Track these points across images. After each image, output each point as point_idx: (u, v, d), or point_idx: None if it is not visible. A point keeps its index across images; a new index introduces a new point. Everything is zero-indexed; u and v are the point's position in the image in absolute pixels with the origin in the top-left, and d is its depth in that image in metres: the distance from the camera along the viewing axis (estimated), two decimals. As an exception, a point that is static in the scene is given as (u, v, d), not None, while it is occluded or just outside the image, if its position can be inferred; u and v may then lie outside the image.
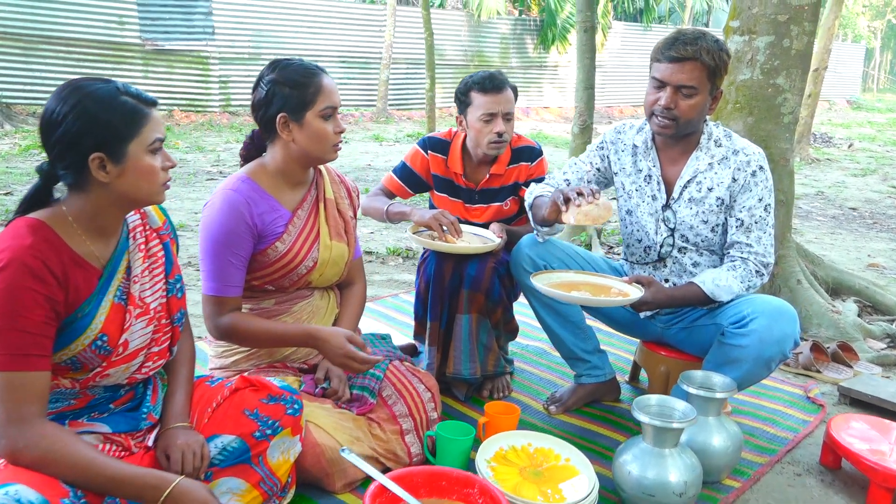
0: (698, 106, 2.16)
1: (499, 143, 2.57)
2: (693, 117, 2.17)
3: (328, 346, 1.89)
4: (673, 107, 2.15)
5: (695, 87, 2.13)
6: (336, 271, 2.18)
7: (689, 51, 2.11)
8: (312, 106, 1.96)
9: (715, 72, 2.14)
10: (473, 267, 2.48)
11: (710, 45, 2.13)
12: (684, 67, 2.12)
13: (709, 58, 2.12)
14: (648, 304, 2.20)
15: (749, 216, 2.24)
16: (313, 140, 1.98)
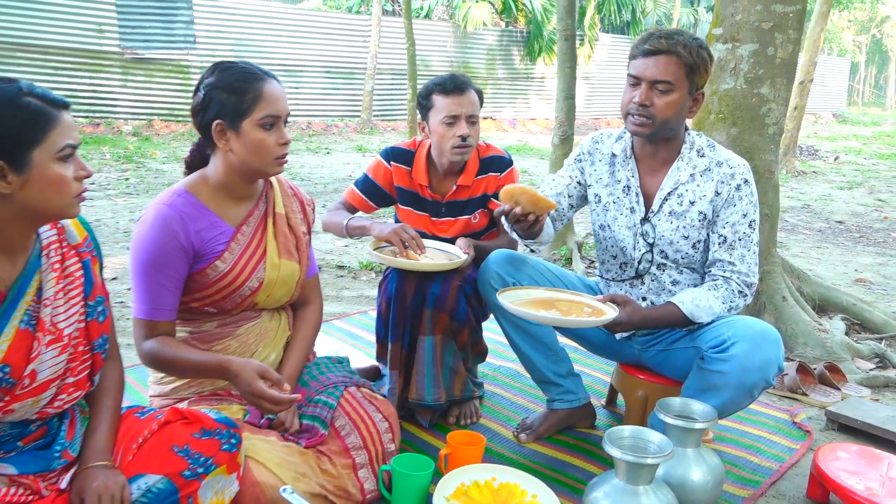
0: (676, 104, 2.02)
1: (463, 149, 2.42)
2: (670, 116, 2.04)
3: (238, 381, 1.71)
4: (648, 104, 2.02)
5: (670, 83, 2.00)
6: (286, 291, 2.02)
7: (663, 44, 1.99)
8: (250, 114, 1.79)
9: (693, 69, 2.00)
10: (437, 285, 2.32)
11: (688, 40, 2.01)
12: (659, 61, 1.99)
13: (685, 52, 1.99)
14: (623, 324, 2.05)
15: (732, 233, 2.10)
16: (251, 151, 1.82)
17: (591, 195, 2.33)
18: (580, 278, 2.47)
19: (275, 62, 13.27)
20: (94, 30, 11.21)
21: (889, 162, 12.81)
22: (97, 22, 11.23)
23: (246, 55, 12.78)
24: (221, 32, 12.49)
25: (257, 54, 12.98)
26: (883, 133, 19.94)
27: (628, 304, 2.06)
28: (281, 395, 1.67)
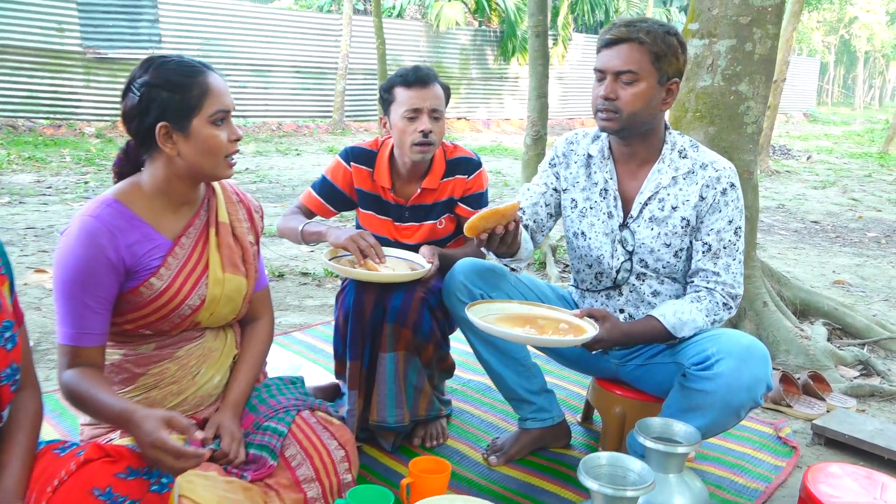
0: (643, 96, 1.87)
1: (425, 146, 2.25)
2: (638, 109, 1.89)
3: (138, 433, 1.44)
4: (613, 97, 1.88)
5: (634, 72, 1.85)
6: (232, 308, 1.83)
7: (623, 31, 1.86)
8: (199, 110, 1.62)
9: (660, 56, 1.85)
10: (398, 297, 2.15)
11: (652, 26, 1.86)
12: (620, 50, 1.86)
13: (649, 38, 1.84)
14: (603, 342, 1.89)
15: (717, 240, 1.95)
16: (203, 152, 1.65)
17: (565, 200, 2.17)
18: (553, 288, 2.31)
19: (244, 62, 13.02)
20: (55, 28, 10.85)
21: (860, 161, 12.89)
22: (57, 20, 10.88)
23: (214, 55, 12.52)
24: (188, 31, 12.19)
25: (226, 54, 12.71)
26: (853, 132, 20.14)
27: (607, 320, 1.91)
28: (186, 450, 1.39)
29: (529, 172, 4.67)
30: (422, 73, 2.24)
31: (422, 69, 2.26)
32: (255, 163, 9.40)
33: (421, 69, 2.26)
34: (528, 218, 2.19)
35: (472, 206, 2.42)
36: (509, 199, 6.76)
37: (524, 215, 2.19)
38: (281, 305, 3.66)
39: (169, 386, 1.77)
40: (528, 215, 2.19)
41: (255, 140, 11.88)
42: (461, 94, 16.62)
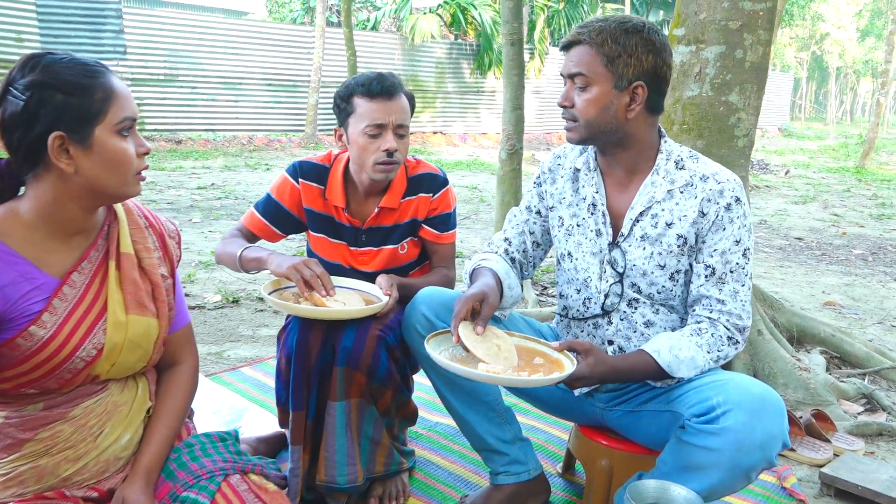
0: (598, 101, 1.66)
1: (388, 166, 1.97)
2: (593, 117, 1.68)
3: None
4: (569, 103, 1.71)
5: (584, 75, 1.66)
6: (140, 355, 1.52)
7: (574, 34, 1.70)
8: (103, 118, 1.34)
9: (612, 58, 1.64)
10: (350, 336, 1.85)
11: (608, 25, 1.65)
12: (572, 54, 1.71)
13: (599, 38, 1.64)
14: (585, 379, 1.62)
15: (722, 263, 1.69)
16: (108, 167, 1.36)
17: (553, 219, 1.92)
18: (529, 322, 2.03)
19: (213, 74, 12.69)
20: (13, 38, 10.44)
21: (838, 175, 12.84)
22: (16, 30, 10.47)
23: (182, 67, 12.19)
24: (154, 43, 11.84)
25: (194, 66, 12.38)
26: (828, 147, 20.24)
27: (591, 354, 1.63)
28: None
29: (505, 188, 4.41)
30: (387, 83, 1.96)
31: (387, 78, 1.97)
32: (222, 178, 9.06)
33: (386, 78, 1.97)
34: (515, 249, 1.94)
35: (437, 228, 2.14)
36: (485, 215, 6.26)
37: (510, 246, 1.95)
38: (232, 336, 3.33)
39: (64, 451, 1.46)
40: (515, 246, 1.95)
41: (223, 154, 11.53)
42: (437, 108, 16.41)
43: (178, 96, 12.29)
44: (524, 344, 1.72)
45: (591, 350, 1.64)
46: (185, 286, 4.15)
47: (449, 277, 2.16)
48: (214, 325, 3.46)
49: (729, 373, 1.66)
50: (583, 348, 1.64)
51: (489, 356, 1.57)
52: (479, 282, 1.76)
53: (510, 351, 1.63)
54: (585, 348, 1.64)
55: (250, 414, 2.39)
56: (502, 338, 1.67)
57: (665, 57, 1.68)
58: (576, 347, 1.65)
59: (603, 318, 1.84)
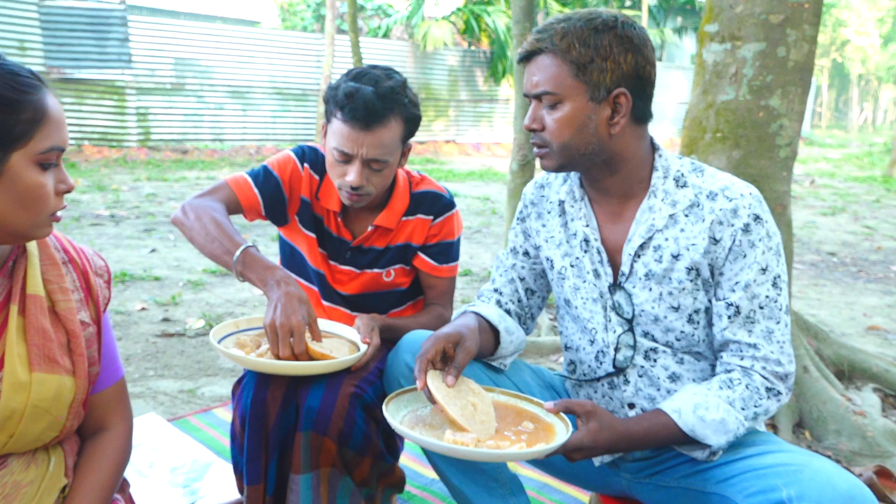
0: (572, 120, 1.35)
1: (354, 196, 1.66)
2: (568, 138, 1.36)
3: None
4: (537, 126, 1.39)
5: (552, 93, 1.34)
6: (48, 424, 1.21)
7: (532, 42, 1.37)
8: (25, 142, 1.09)
9: (584, 65, 1.32)
10: (317, 394, 1.50)
11: (572, 26, 1.33)
12: (534, 67, 1.39)
13: (563, 44, 1.32)
14: (585, 450, 1.30)
15: (748, 299, 1.34)
16: (19, 203, 1.12)
17: (545, 261, 1.58)
18: (538, 372, 1.68)
19: (221, 83, 12.47)
20: (16, 47, 10.26)
21: (864, 185, 12.39)
22: (18, 39, 10.30)
23: (189, 76, 11.97)
24: (160, 51, 11.62)
25: (201, 74, 12.17)
26: (852, 155, 19.74)
27: (593, 418, 1.31)
28: None
29: (516, 201, 4.06)
30: (368, 112, 1.56)
31: (370, 101, 1.57)
32: (226, 189, 8.77)
33: (369, 102, 1.57)
34: (509, 300, 1.62)
35: (435, 258, 1.81)
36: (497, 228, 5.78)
37: (502, 297, 1.62)
38: (209, 369, 3.00)
39: (-53, 547, 1.15)
40: (508, 296, 1.63)
41: (230, 164, 11.28)
42: (450, 116, 16.12)
43: (185, 105, 12.07)
44: (512, 403, 1.41)
45: (594, 413, 1.31)
46: (167, 309, 3.83)
47: (444, 318, 1.83)
48: (192, 357, 3.13)
49: (798, 450, 1.30)
50: (583, 410, 1.32)
51: (464, 417, 1.24)
52: (455, 322, 1.44)
53: (487, 413, 1.31)
54: (586, 410, 1.31)
55: (214, 471, 2.05)
56: (479, 394, 1.34)
57: (647, 54, 1.35)
58: (574, 409, 1.32)
59: (618, 377, 1.49)
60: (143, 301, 3.94)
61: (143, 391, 2.73)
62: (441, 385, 1.28)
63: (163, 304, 3.91)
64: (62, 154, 1.14)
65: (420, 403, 1.36)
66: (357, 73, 1.66)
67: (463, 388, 1.32)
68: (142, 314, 3.72)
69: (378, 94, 1.58)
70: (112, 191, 8.07)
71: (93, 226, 6.12)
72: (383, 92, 1.59)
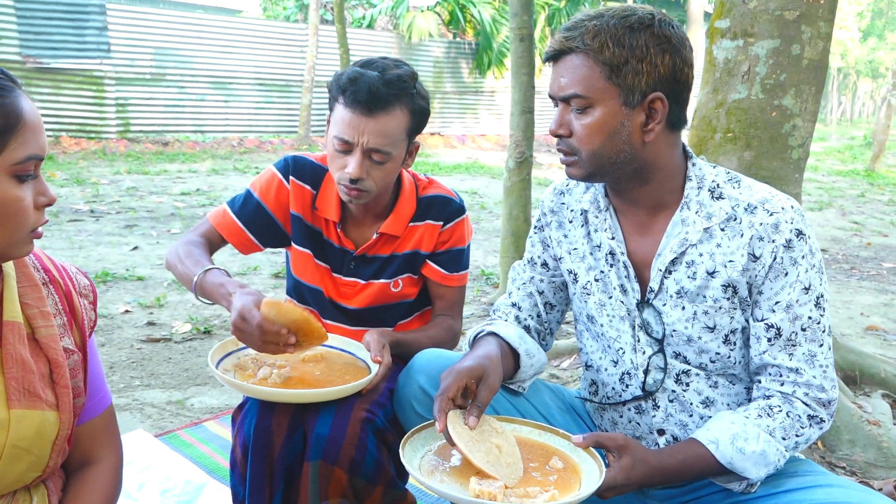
0: (603, 126, 1.24)
1: (353, 192, 1.55)
2: (598, 147, 1.25)
3: None
4: (565, 132, 1.28)
5: (583, 96, 1.24)
6: (30, 464, 1.11)
7: (563, 41, 1.25)
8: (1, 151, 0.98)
9: (617, 67, 1.22)
10: (326, 420, 1.40)
11: (604, 24, 1.22)
12: (563, 68, 1.27)
13: (596, 43, 1.21)
14: (619, 488, 1.20)
15: (790, 320, 1.25)
16: None
17: (564, 272, 1.48)
18: (558, 392, 1.58)
19: (202, 73, 12.23)
20: (-10, 36, 9.98)
21: (849, 179, 12.46)
22: (-7, 27, 10.01)
23: (170, 66, 11.71)
24: (140, 41, 11.35)
25: (182, 65, 11.92)
26: (833, 149, 19.88)
27: (626, 453, 1.22)
28: None
29: (513, 200, 3.95)
30: (371, 96, 1.46)
31: (374, 85, 1.47)
32: (208, 182, 8.59)
33: (373, 86, 1.47)
34: (528, 316, 1.53)
35: (445, 266, 1.72)
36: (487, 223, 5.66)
37: (521, 312, 1.52)
38: (199, 378, 2.87)
39: None
40: (527, 312, 1.53)
41: (212, 156, 11.07)
42: (435, 108, 15.96)
43: (166, 96, 11.81)
44: (536, 438, 1.30)
45: (626, 447, 1.22)
46: (152, 312, 3.69)
47: (454, 330, 1.73)
48: (180, 364, 2.99)
49: (850, 484, 1.21)
50: (615, 445, 1.22)
51: (489, 463, 1.15)
52: (476, 352, 1.33)
53: (513, 454, 1.21)
54: (618, 445, 1.22)
55: (209, 494, 1.93)
56: (503, 434, 1.24)
57: (686, 55, 1.24)
58: (605, 444, 1.23)
59: (647, 401, 1.39)
60: (126, 303, 3.79)
61: (128, 403, 2.59)
62: (463, 429, 1.18)
63: (147, 306, 3.76)
64: (41, 163, 1.03)
65: (439, 440, 1.25)
66: (365, 61, 1.56)
67: (485, 428, 1.22)
68: (125, 317, 3.58)
69: (384, 80, 1.48)
70: (91, 184, 7.86)
71: (72, 222, 5.93)
72: (389, 78, 1.49)
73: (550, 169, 12.11)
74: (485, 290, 4.50)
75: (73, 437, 1.18)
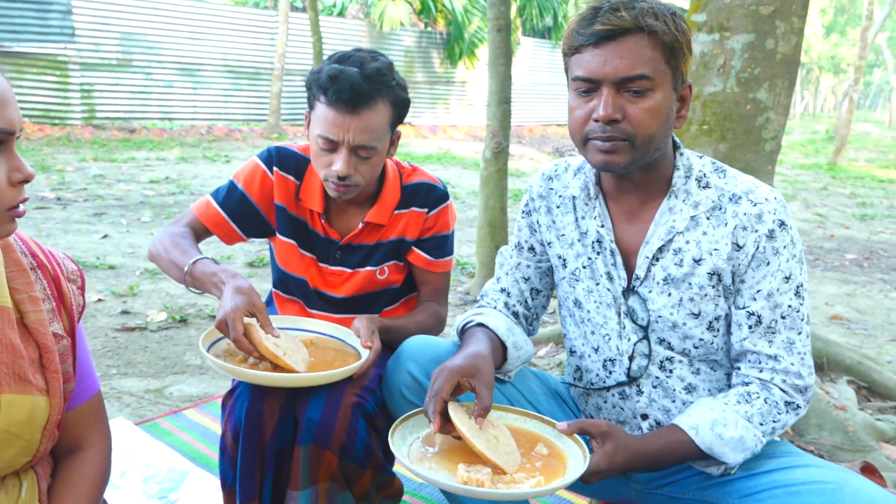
0: (660, 110, 1.23)
1: (341, 188, 1.56)
2: (654, 129, 1.24)
3: None
4: (620, 117, 1.22)
5: (648, 77, 1.21)
6: (20, 449, 1.11)
7: (626, 19, 1.20)
8: None
9: (675, 50, 1.22)
10: (317, 405, 1.41)
11: (655, 5, 1.22)
12: (623, 48, 1.21)
13: (660, 24, 1.20)
14: (602, 473, 1.24)
15: (770, 308, 1.29)
16: None
17: (554, 259, 1.50)
18: (540, 377, 1.61)
19: (170, 60, 12.04)
20: (-51, 17, 9.70)
21: (811, 172, 12.73)
22: (-48, 9, 9.73)
23: (135, 51, 11.51)
24: (105, 25, 11.12)
25: (149, 50, 11.72)
26: (796, 143, 20.26)
27: (609, 439, 1.25)
28: None
29: (489, 190, 3.98)
30: (353, 94, 1.47)
31: (355, 83, 1.47)
32: (177, 170, 8.48)
33: (354, 83, 1.47)
34: (517, 301, 1.55)
35: (430, 253, 1.73)
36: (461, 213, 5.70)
37: (510, 298, 1.54)
38: (176, 366, 2.85)
39: None
40: (516, 297, 1.55)
41: (180, 144, 10.91)
42: (406, 98, 15.93)
43: (132, 82, 11.60)
44: (521, 425, 1.33)
45: (609, 433, 1.25)
46: (126, 300, 3.65)
47: (440, 316, 1.76)
48: (156, 353, 2.97)
49: (827, 464, 1.26)
50: (598, 431, 1.26)
51: (489, 450, 1.18)
52: (468, 349, 1.34)
53: (509, 444, 1.24)
54: (601, 431, 1.25)
55: (192, 480, 1.93)
56: (499, 427, 1.27)
57: None
58: (589, 430, 1.26)
59: (630, 387, 1.43)
60: (98, 291, 3.74)
61: (106, 391, 2.57)
62: (465, 419, 1.21)
63: (120, 294, 3.72)
64: (12, 138, 1.00)
65: (426, 428, 1.27)
66: (341, 55, 1.56)
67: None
68: (98, 306, 3.53)
69: (364, 76, 1.49)
70: (57, 171, 7.70)
71: (38, 209, 5.82)
72: (369, 73, 1.50)
73: (522, 160, 12.16)
74: (460, 280, 4.53)
75: (63, 423, 1.17)
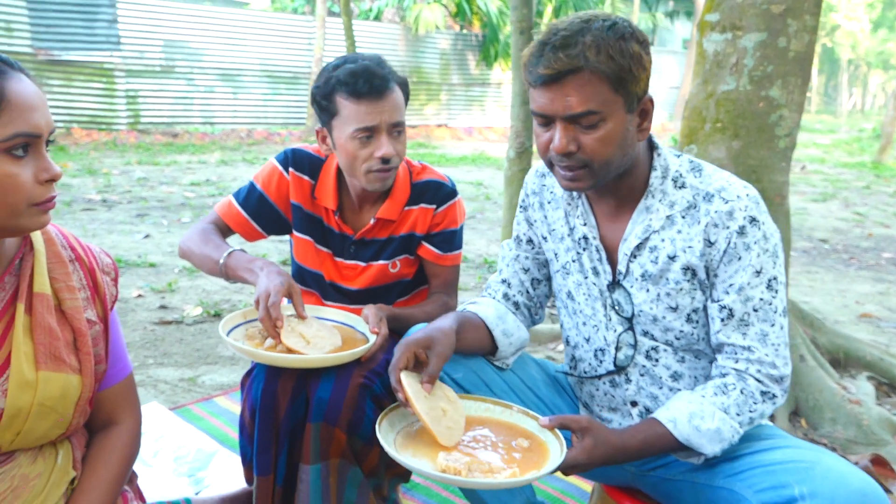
0: (614, 136, 1.30)
1: (384, 173, 1.67)
2: (610, 154, 1.31)
3: None
4: (574, 148, 1.30)
5: (596, 112, 1.27)
6: (55, 422, 1.21)
7: (564, 60, 1.24)
8: None
9: (623, 78, 1.27)
10: (327, 385, 1.51)
11: (599, 36, 1.25)
12: (568, 87, 1.27)
13: (601, 58, 1.24)
14: (581, 466, 1.29)
15: (741, 301, 1.33)
16: None
17: (546, 251, 1.58)
18: (542, 366, 1.69)
19: (211, 66, 12.37)
20: (2, 28, 10.11)
21: (854, 171, 12.46)
22: (5, 20, 10.15)
23: (179, 58, 11.85)
24: (149, 33, 11.49)
25: (191, 57, 12.06)
26: (841, 141, 19.81)
27: (588, 434, 1.30)
28: None
29: (513, 190, 4.06)
30: (376, 80, 1.61)
31: (373, 71, 1.62)
32: (217, 173, 8.73)
33: (373, 71, 1.61)
34: (518, 292, 1.62)
35: (439, 247, 1.82)
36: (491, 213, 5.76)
37: (510, 288, 1.62)
38: (209, 357, 3.00)
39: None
40: (516, 288, 1.62)
41: (221, 148, 11.20)
42: (441, 100, 16.06)
43: (175, 88, 11.97)
44: (505, 419, 1.38)
45: (589, 429, 1.30)
46: (164, 296, 3.83)
47: (449, 307, 1.84)
48: (191, 344, 3.13)
49: (807, 445, 1.31)
50: (578, 427, 1.31)
51: (430, 417, 1.26)
52: (433, 324, 1.43)
53: (456, 422, 1.31)
54: (581, 426, 1.30)
55: (219, 460, 2.06)
56: (454, 403, 1.34)
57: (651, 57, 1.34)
58: (570, 426, 1.32)
59: (619, 375, 1.50)
60: (139, 288, 3.93)
61: (143, 379, 2.73)
62: (416, 386, 1.29)
63: (159, 290, 3.90)
64: (38, 140, 1.08)
65: (414, 418, 1.34)
66: (335, 64, 1.69)
67: (439, 395, 1.32)
68: (138, 301, 3.71)
69: (375, 65, 1.65)
70: (103, 175, 8.00)
71: (85, 211, 6.07)
72: (376, 62, 1.66)
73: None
74: (486, 278, 4.61)
75: (97, 401, 1.29)
